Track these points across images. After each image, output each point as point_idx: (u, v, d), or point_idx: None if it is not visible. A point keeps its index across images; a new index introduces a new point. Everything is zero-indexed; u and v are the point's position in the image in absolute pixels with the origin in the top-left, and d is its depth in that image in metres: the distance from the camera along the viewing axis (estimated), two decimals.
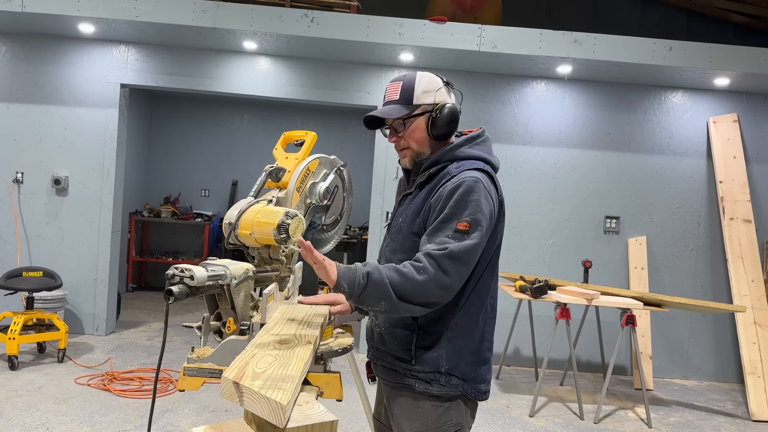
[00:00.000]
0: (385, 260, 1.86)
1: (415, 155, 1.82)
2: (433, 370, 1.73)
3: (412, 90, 1.78)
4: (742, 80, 5.28)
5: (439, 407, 1.74)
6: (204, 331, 1.75)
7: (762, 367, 5.01)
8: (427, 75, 1.82)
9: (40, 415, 3.77)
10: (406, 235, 1.78)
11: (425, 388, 1.73)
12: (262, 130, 8.34)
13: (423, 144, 1.81)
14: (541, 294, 4.46)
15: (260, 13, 4.88)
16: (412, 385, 1.75)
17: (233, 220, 1.86)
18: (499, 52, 4.96)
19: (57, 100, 5.50)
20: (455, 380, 1.74)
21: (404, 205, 1.85)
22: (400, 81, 1.81)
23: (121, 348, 5.26)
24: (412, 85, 1.79)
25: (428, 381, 1.73)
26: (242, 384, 1.16)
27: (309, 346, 1.47)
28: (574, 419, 4.40)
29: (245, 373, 1.21)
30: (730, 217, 5.48)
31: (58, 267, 5.32)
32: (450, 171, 1.75)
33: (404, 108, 1.77)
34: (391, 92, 1.81)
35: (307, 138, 2.17)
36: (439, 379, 1.73)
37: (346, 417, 4.01)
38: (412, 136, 1.80)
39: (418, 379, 1.74)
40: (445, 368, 1.73)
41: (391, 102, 1.81)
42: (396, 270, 1.59)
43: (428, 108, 1.78)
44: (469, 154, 1.79)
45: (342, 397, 1.76)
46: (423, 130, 1.79)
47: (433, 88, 1.80)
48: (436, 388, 1.73)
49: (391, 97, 1.81)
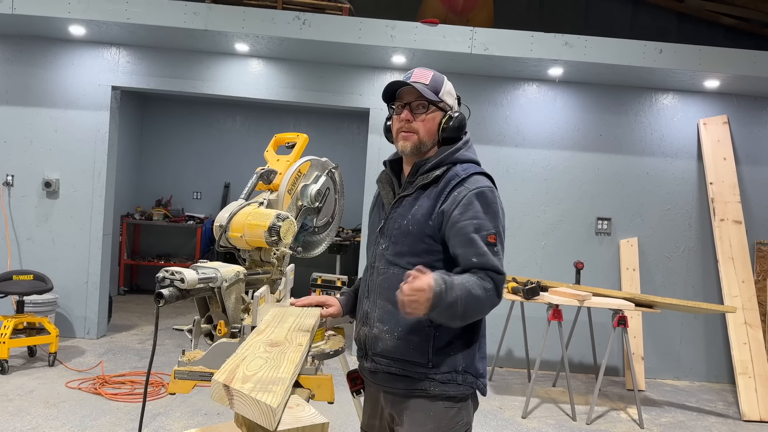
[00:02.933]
0: (385, 263, 1.81)
1: (419, 144, 1.81)
2: (450, 370, 1.75)
3: (441, 84, 1.82)
4: (732, 82, 5.32)
5: (452, 408, 1.76)
6: (195, 334, 1.74)
7: (753, 368, 5.04)
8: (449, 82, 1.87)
9: (30, 419, 3.74)
10: (418, 237, 1.75)
11: (441, 390, 1.74)
12: (254, 133, 8.33)
13: (431, 137, 1.81)
14: (534, 295, 4.47)
15: (252, 15, 4.87)
16: (426, 388, 1.75)
17: (224, 223, 1.85)
18: (490, 55, 4.97)
19: (48, 103, 5.47)
20: (470, 378, 1.77)
21: (403, 207, 1.81)
22: (431, 71, 1.83)
23: (113, 351, 5.24)
24: (441, 80, 1.83)
25: (444, 382, 1.74)
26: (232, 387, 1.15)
27: (300, 348, 1.47)
28: (567, 420, 4.41)
29: (235, 376, 1.21)
30: (720, 219, 5.51)
31: (48, 270, 5.28)
32: (458, 173, 1.76)
33: (432, 94, 1.79)
34: (421, 75, 1.81)
35: (298, 140, 2.17)
36: (456, 378, 1.75)
37: (338, 420, 4.00)
38: (426, 124, 1.80)
39: (434, 380, 1.74)
40: (462, 367, 1.75)
41: (419, 83, 1.79)
42: (467, 292, 1.61)
43: (447, 107, 1.82)
44: (468, 157, 1.83)
45: (333, 400, 1.76)
46: (436, 124, 1.81)
47: (454, 94, 1.87)
48: (452, 388, 1.74)
49: (422, 80, 1.80)
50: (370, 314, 1.84)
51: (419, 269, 1.56)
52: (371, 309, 1.84)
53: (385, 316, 1.80)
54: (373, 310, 1.83)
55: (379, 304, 1.82)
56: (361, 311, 1.89)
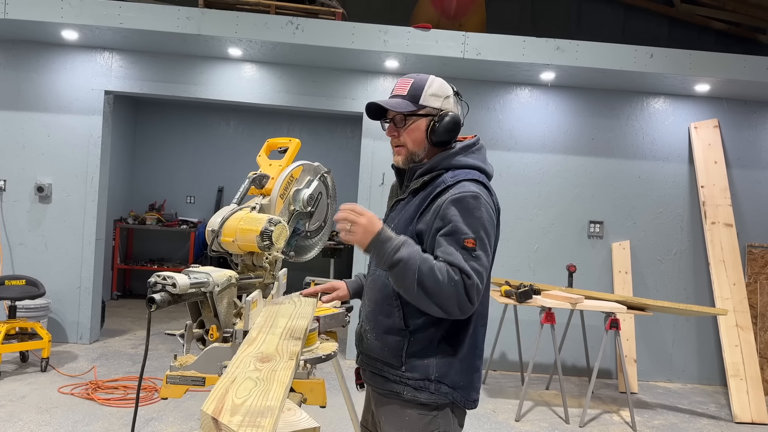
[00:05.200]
0: (374, 264, 1.86)
1: (410, 155, 1.81)
2: (422, 378, 1.72)
3: (422, 90, 1.78)
4: (723, 86, 5.37)
5: (426, 416, 1.73)
6: (187, 338, 1.74)
7: (744, 370, 5.07)
8: (439, 80, 1.82)
9: (22, 425, 3.73)
10: None
11: (413, 396, 1.72)
12: (247, 137, 8.33)
13: (419, 146, 1.80)
14: (527, 298, 4.49)
15: (245, 20, 4.88)
16: (400, 392, 1.74)
17: (216, 227, 1.86)
18: (483, 59, 5.00)
19: (40, 107, 5.46)
20: (445, 388, 1.72)
21: (396, 211, 1.84)
22: (411, 78, 1.81)
23: (106, 356, 5.22)
24: (422, 85, 1.79)
25: (417, 388, 1.72)
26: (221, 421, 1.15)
27: (291, 363, 1.46)
28: (560, 423, 4.42)
29: (224, 406, 1.19)
30: (711, 222, 5.55)
31: (41, 275, 5.26)
32: (445, 180, 1.73)
33: (410, 104, 1.77)
34: (400, 86, 1.81)
35: (290, 145, 2.17)
36: (428, 386, 1.72)
37: (332, 424, 4.00)
38: (411, 135, 1.79)
39: (407, 386, 1.73)
40: (435, 376, 1.72)
41: (398, 96, 1.80)
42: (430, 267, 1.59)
43: (432, 111, 1.78)
44: (465, 162, 1.77)
45: (326, 404, 1.77)
46: (422, 132, 1.79)
47: (442, 94, 1.80)
48: (424, 395, 1.72)
49: (399, 92, 1.80)
50: (362, 312, 1.91)
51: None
52: (363, 307, 1.91)
53: (369, 315, 1.85)
54: (364, 309, 1.90)
55: (367, 304, 1.88)
56: (361, 308, 1.95)
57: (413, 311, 1.72)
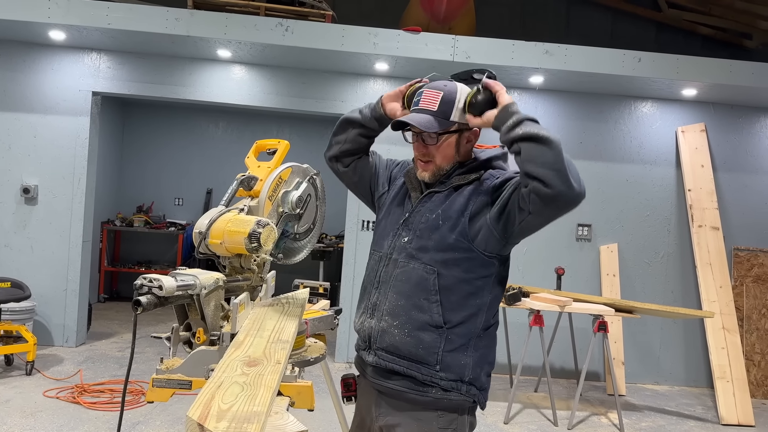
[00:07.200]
0: (405, 256, 1.76)
1: (436, 171, 1.78)
2: (456, 379, 1.69)
3: (452, 105, 1.72)
4: (709, 91, 5.42)
5: (445, 416, 1.72)
6: (173, 341, 1.73)
7: (731, 372, 5.11)
8: (463, 89, 1.75)
9: (6, 429, 3.68)
10: (446, 232, 1.71)
11: (441, 395, 1.69)
12: (237, 139, 8.30)
13: (449, 161, 1.78)
14: (515, 301, 4.49)
15: (234, 21, 4.87)
16: (427, 392, 1.70)
17: (204, 229, 1.84)
18: (472, 62, 5.01)
19: (26, 108, 5.40)
20: (474, 390, 1.72)
21: (434, 202, 1.78)
22: (440, 91, 1.72)
23: (92, 360, 5.17)
24: (452, 99, 1.72)
25: (447, 389, 1.69)
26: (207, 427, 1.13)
27: (278, 368, 1.44)
28: (548, 425, 4.43)
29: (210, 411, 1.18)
30: (698, 225, 5.59)
31: (26, 277, 5.20)
32: (493, 174, 1.78)
33: (442, 122, 1.71)
34: (429, 100, 1.72)
35: (279, 146, 2.17)
36: (459, 387, 1.70)
37: (320, 428, 3.98)
38: (441, 152, 1.76)
39: (438, 386, 1.69)
40: (469, 377, 1.70)
41: (426, 111, 1.72)
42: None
43: (462, 126, 1.76)
44: (501, 166, 1.87)
45: (314, 407, 1.75)
46: (453, 147, 1.77)
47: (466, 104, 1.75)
48: (454, 395, 1.70)
49: (428, 106, 1.72)
50: (379, 306, 1.78)
51: None
52: (381, 301, 1.78)
53: (396, 310, 1.74)
54: (383, 302, 1.77)
55: (390, 297, 1.76)
56: (367, 301, 1.83)
57: (452, 306, 1.69)
